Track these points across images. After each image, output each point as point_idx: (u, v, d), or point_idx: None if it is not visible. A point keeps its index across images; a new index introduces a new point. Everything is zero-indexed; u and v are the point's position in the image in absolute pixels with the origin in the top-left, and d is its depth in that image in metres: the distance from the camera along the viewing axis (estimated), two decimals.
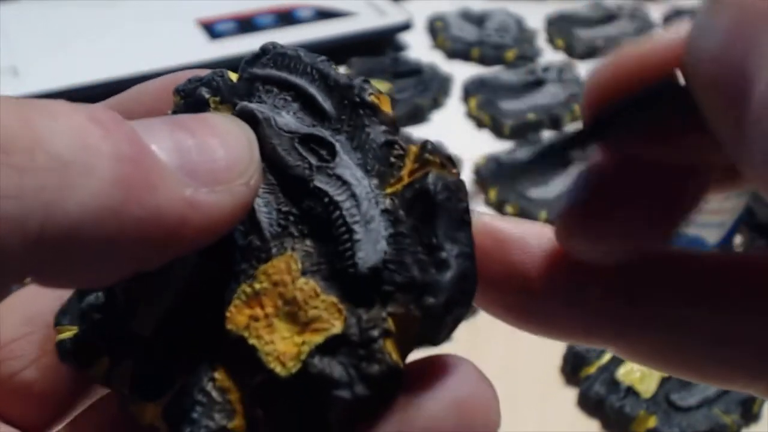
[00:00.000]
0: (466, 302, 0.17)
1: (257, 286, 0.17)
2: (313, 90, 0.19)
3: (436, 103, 0.77)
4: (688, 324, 0.19)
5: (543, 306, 0.20)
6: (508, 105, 0.74)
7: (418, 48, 0.87)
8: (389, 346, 0.16)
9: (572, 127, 0.74)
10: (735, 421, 0.45)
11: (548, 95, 0.75)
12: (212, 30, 0.81)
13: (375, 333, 0.16)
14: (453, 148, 0.69)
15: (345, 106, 0.18)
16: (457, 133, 0.73)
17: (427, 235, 0.17)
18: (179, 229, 0.15)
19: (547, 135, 0.71)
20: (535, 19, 0.90)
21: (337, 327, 0.16)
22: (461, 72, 0.80)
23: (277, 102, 0.19)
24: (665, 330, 0.19)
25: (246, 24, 0.82)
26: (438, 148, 0.18)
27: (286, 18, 0.83)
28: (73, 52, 0.77)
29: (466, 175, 0.68)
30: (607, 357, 0.48)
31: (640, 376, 0.47)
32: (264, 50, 0.20)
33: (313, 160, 0.18)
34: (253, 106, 0.18)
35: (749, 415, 0.46)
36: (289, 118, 0.18)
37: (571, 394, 0.49)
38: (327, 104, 0.19)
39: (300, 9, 0.84)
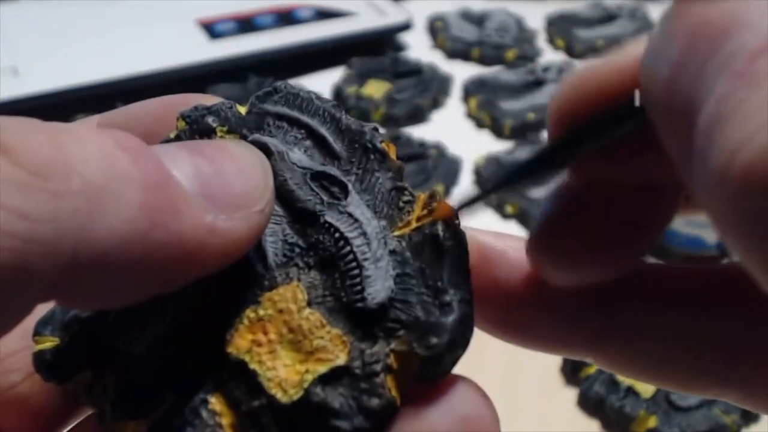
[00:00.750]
0: (465, 345, 0.18)
1: (261, 312, 0.18)
2: (324, 131, 0.19)
3: (436, 103, 0.77)
4: (660, 333, 0.19)
5: (524, 319, 0.20)
6: (508, 105, 0.74)
7: (418, 48, 0.87)
8: (389, 382, 0.17)
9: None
10: (735, 421, 0.45)
11: (548, 95, 0.75)
12: (212, 30, 0.81)
13: (377, 368, 0.17)
14: (453, 148, 0.69)
15: (355, 149, 0.19)
16: (457, 133, 0.73)
17: (433, 279, 0.18)
18: (199, 253, 0.16)
19: (546, 135, 0.71)
20: (535, 19, 0.90)
21: (341, 359, 0.17)
22: (461, 72, 0.80)
23: (288, 138, 0.19)
24: (639, 340, 0.19)
25: (246, 24, 0.82)
26: (442, 197, 0.19)
27: (286, 18, 0.83)
28: (73, 52, 0.77)
29: (466, 176, 0.68)
30: None
31: None
32: (276, 89, 0.21)
33: (325, 197, 0.19)
34: (267, 138, 0.19)
35: (749, 415, 0.46)
36: (301, 155, 0.19)
37: (571, 394, 0.49)
38: (338, 146, 0.19)
39: (300, 9, 0.84)
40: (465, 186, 0.67)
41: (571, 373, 0.49)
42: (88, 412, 0.22)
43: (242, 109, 0.20)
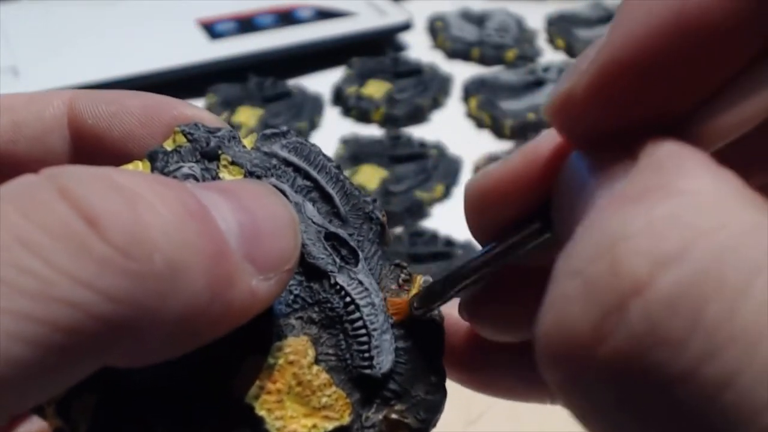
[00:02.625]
0: (436, 423, 0.19)
1: (272, 360, 0.18)
2: (331, 190, 0.20)
3: (436, 103, 0.77)
4: None
5: (483, 373, 0.22)
6: (508, 105, 0.74)
7: (418, 48, 0.87)
8: None
9: None
10: None
11: (548, 95, 0.75)
12: (212, 30, 0.81)
13: (372, 431, 0.18)
14: (453, 148, 0.69)
15: (358, 216, 0.20)
16: (457, 133, 0.73)
17: (425, 358, 0.19)
18: (241, 317, 0.16)
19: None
20: (535, 19, 0.90)
21: (345, 419, 0.18)
22: (461, 72, 0.80)
23: (296, 186, 0.20)
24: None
25: (246, 24, 0.82)
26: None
27: (286, 18, 0.83)
28: (73, 52, 0.77)
29: (466, 176, 0.68)
30: None
31: None
32: (283, 133, 0.21)
33: (337, 258, 0.19)
34: (285, 187, 0.19)
35: None
36: (314, 210, 0.19)
37: None
38: (343, 209, 0.20)
39: (300, 9, 0.84)
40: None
41: None
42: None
43: (246, 142, 0.20)
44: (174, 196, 0.15)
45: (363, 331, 0.19)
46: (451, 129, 0.74)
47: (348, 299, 0.19)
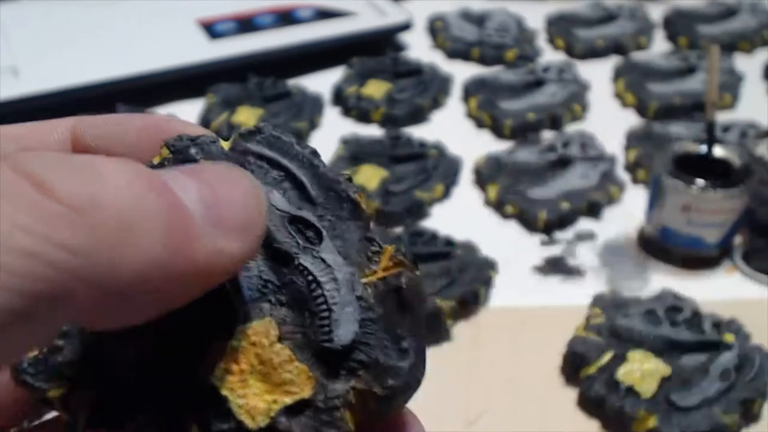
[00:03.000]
0: (417, 386, 0.20)
1: (235, 343, 0.19)
2: (302, 175, 0.21)
3: (436, 103, 0.77)
4: None
5: None
6: (508, 105, 0.74)
7: (418, 48, 0.87)
8: (348, 416, 0.19)
9: (571, 127, 0.74)
10: (735, 421, 0.45)
11: (548, 95, 0.75)
12: (212, 30, 0.81)
13: (338, 402, 0.19)
14: (453, 148, 0.69)
15: (330, 197, 0.21)
16: (457, 133, 0.73)
17: (393, 326, 0.19)
18: (207, 274, 0.17)
19: (547, 135, 0.71)
20: (535, 19, 0.90)
21: (306, 392, 0.19)
22: (461, 72, 0.80)
23: (268, 178, 0.21)
24: None
25: (246, 24, 0.82)
26: (406, 253, 0.20)
27: (286, 18, 0.83)
28: (73, 52, 0.77)
29: (466, 176, 0.68)
30: (607, 357, 0.48)
31: (640, 376, 0.47)
32: (259, 129, 0.21)
33: (301, 240, 0.20)
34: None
35: (749, 415, 0.46)
36: (280, 197, 0.20)
37: (571, 394, 0.49)
38: (314, 191, 0.21)
39: (300, 9, 0.84)
40: (465, 186, 0.67)
41: (572, 373, 0.49)
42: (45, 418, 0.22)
43: (225, 144, 0.21)
44: (128, 167, 0.16)
45: (324, 306, 0.19)
46: (451, 129, 0.74)
47: (310, 278, 0.20)
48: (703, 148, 0.58)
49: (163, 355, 0.19)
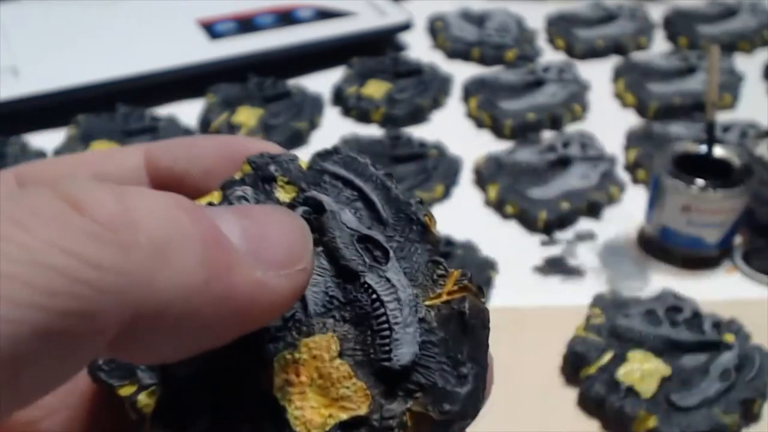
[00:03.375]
0: (475, 415, 0.19)
1: (297, 355, 0.20)
2: (374, 197, 0.21)
3: (436, 103, 0.77)
4: None
5: None
6: (508, 105, 0.74)
7: (418, 48, 0.87)
8: None
9: (571, 127, 0.73)
10: (735, 421, 0.45)
11: (548, 95, 0.75)
12: (212, 30, 0.81)
13: (393, 423, 0.19)
14: (453, 148, 0.69)
15: (400, 218, 0.21)
16: (457, 133, 0.73)
17: (454, 351, 0.19)
18: (250, 308, 0.16)
19: (547, 135, 0.71)
20: (535, 19, 0.90)
21: (362, 410, 0.19)
22: (461, 72, 0.80)
23: (341, 198, 0.21)
24: None
25: (246, 24, 0.82)
26: (472, 278, 0.20)
27: (286, 18, 0.83)
28: (73, 52, 0.77)
29: (466, 176, 0.68)
30: (607, 357, 0.48)
31: (640, 376, 0.47)
32: (336, 150, 0.22)
33: (368, 259, 0.20)
34: (322, 196, 0.21)
35: (749, 415, 0.46)
36: (351, 216, 0.21)
37: (571, 394, 0.49)
38: (385, 213, 0.21)
39: (300, 9, 0.84)
40: (465, 186, 0.67)
41: (572, 373, 0.49)
42: None
43: (303, 164, 0.22)
44: (167, 195, 0.16)
45: (385, 325, 0.20)
46: (451, 129, 0.74)
47: (374, 296, 0.20)
48: (703, 148, 0.58)
49: (228, 362, 0.20)
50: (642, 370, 0.47)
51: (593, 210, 0.63)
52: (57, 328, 0.14)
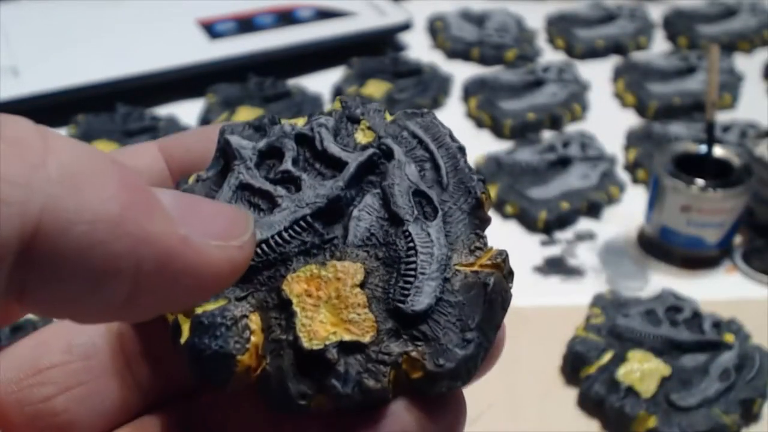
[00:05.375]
0: (466, 380, 0.20)
1: (323, 273, 0.21)
2: (442, 163, 0.23)
3: (436, 103, 0.77)
4: None
5: None
6: (508, 105, 0.74)
7: (418, 48, 0.87)
8: (391, 375, 0.20)
9: (571, 127, 0.74)
10: (735, 421, 0.45)
11: (548, 95, 0.75)
12: (212, 30, 0.81)
13: (387, 359, 0.20)
14: None
15: (459, 188, 0.22)
16: (457, 133, 0.73)
17: (467, 316, 0.20)
18: (170, 262, 0.16)
19: (547, 135, 0.71)
20: (535, 19, 0.90)
21: (365, 338, 0.20)
22: (461, 72, 0.80)
23: (412, 154, 0.23)
24: None
25: (246, 24, 0.82)
26: (508, 261, 0.21)
27: (286, 18, 0.83)
28: (73, 52, 0.77)
29: None
30: (607, 357, 0.48)
31: (640, 376, 0.47)
32: (423, 113, 0.24)
33: (416, 211, 0.22)
34: (395, 146, 0.23)
35: (749, 415, 0.46)
36: (414, 171, 0.22)
37: (571, 394, 0.49)
38: (447, 179, 0.22)
39: (300, 9, 0.84)
40: None
41: (571, 373, 0.49)
42: None
43: (388, 117, 0.24)
44: (96, 148, 0.16)
45: (412, 272, 0.21)
46: (451, 129, 0.74)
47: (411, 244, 0.21)
48: (703, 148, 0.58)
49: (266, 263, 0.21)
50: (642, 370, 0.47)
51: (593, 210, 0.63)
52: None
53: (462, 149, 0.23)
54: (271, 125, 0.23)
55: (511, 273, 0.21)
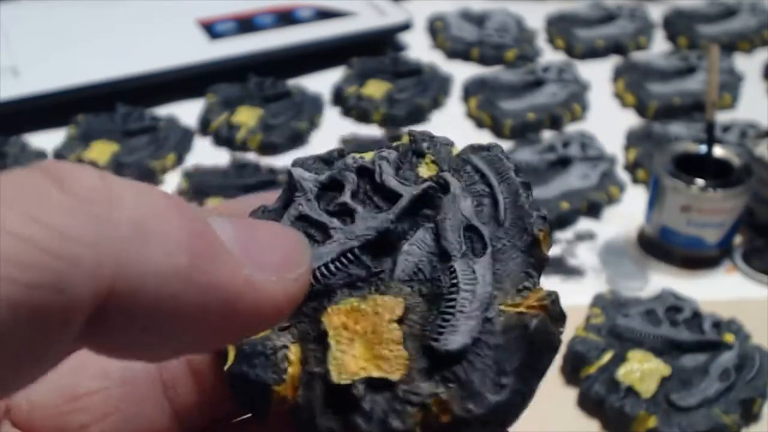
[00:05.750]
0: (496, 427, 0.19)
1: (363, 306, 0.21)
2: (501, 198, 0.22)
3: (436, 103, 0.77)
4: None
5: None
6: (508, 105, 0.74)
7: (418, 48, 0.87)
8: (418, 417, 0.19)
9: (571, 127, 0.73)
10: (735, 421, 0.45)
11: (548, 95, 0.75)
12: (212, 30, 0.81)
13: (416, 400, 0.19)
14: None
15: (516, 225, 0.21)
16: (457, 133, 0.72)
17: (504, 360, 0.19)
18: (235, 305, 0.16)
19: (547, 135, 0.71)
20: (535, 19, 0.90)
21: (394, 376, 0.19)
22: (461, 72, 0.80)
23: (472, 189, 0.22)
24: None
25: (246, 24, 0.82)
26: (559, 303, 0.20)
27: (286, 18, 0.83)
28: (73, 52, 0.77)
29: None
30: (607, 357, 0.48)
31: (640, 376, 0.47)
32: (489, 147, 0.23)
33: (465, 247, 0.21)
34: (452, 180, 0.22)
35: (749, 415, 0.46)
36: (469, 206, 0.22)
37: (571, 394, 0.49)
38: (504, 215, 0.22)
39: (300, 9, 0.84)
40: None
41: (571, 373, 0.49)
42: None
43: (455, 151, 0.23)
44: (154, 187, 0.16)
45: (451, 310, 0.20)
46: (451, 129, 0.74)
47: (455, 281, 0.20)
48: (703, 148, 0.58)
49: (314, 283, 0.21)
50: (642, 370, 0.47)
51: (593, 210, 0.63)
52: (28, 302, 0.13)
53: (526, 185, 0.22)
54: (339, 157, 0.23)
55: (562, 316, 0.20)
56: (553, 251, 0.60)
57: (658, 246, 0.59)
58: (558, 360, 0.50)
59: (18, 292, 0.13)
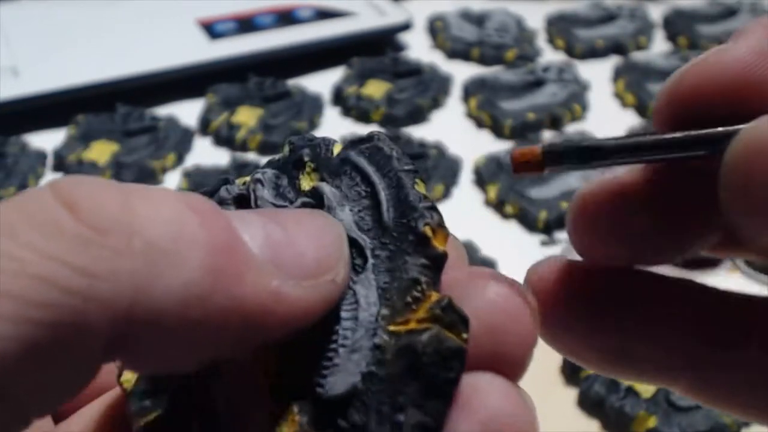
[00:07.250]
0: None
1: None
2: (383, 197, 0.19)
3: (436, 103, 0.77)
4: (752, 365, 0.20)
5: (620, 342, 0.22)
6: (508, 105, 0.74)
7: (418, 48, 0.87)
8: None
9: (571, 127, 0.74)
10: (735, 421, 0.45)
11: (548, 95, 0.75)
12: (212, 30, 0.81)
13: None
14: (453, 148, 0.69)
15: (401, 224, 0.18)
16: (457, 133, 0.73)
17: (398, 391, 0.16)
18: (262, 319, 0.15)
19: (546, 135, 0.71)
20: (535, 19, 0.90)
21: None
22: (461, 72, 0.80)
23: (352, 193, 0.19)
24: (735, 370, 0.21)
25: (246, 24, 0.82)
26: (453, 307, 0.17)
27: (286, 18, 0.83)
28: (73, 52, 0.77)
29: (466, 176, 0.68)
30: None
31: None
32: (369, 137, 0.20)
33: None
34: (327, 189, 0.19)
35: None
36: (348, 215, 0.18)
37: (571, 394, 0.49)
38: (388, 215, 0.18)
39: (300, 9, 0.84)
40: (465, 186, 0.67)
41: (571, 373, 0.49)
42: None
43: (337, 150, 0.20)
44: (181, 197, 0.15)
45: (333, 345, 0.17)
46: (451, 129, 0.74)
47: (336, 310, 0.17)
48: None
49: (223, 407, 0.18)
50: None
51: None
52: (46, 341, 0.13)
53: (410, 172, 0.19)
54: (223, 186, 0.20)
55: (460, 319, 0.17)
56: (554, 251, 0.60)
57: None
58: (558, 360, 0.50)
59: (33, 330, 0.13)
